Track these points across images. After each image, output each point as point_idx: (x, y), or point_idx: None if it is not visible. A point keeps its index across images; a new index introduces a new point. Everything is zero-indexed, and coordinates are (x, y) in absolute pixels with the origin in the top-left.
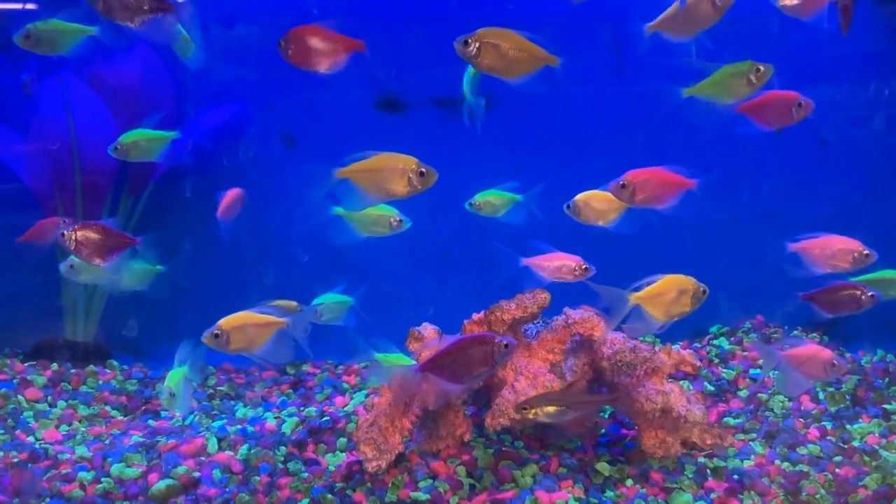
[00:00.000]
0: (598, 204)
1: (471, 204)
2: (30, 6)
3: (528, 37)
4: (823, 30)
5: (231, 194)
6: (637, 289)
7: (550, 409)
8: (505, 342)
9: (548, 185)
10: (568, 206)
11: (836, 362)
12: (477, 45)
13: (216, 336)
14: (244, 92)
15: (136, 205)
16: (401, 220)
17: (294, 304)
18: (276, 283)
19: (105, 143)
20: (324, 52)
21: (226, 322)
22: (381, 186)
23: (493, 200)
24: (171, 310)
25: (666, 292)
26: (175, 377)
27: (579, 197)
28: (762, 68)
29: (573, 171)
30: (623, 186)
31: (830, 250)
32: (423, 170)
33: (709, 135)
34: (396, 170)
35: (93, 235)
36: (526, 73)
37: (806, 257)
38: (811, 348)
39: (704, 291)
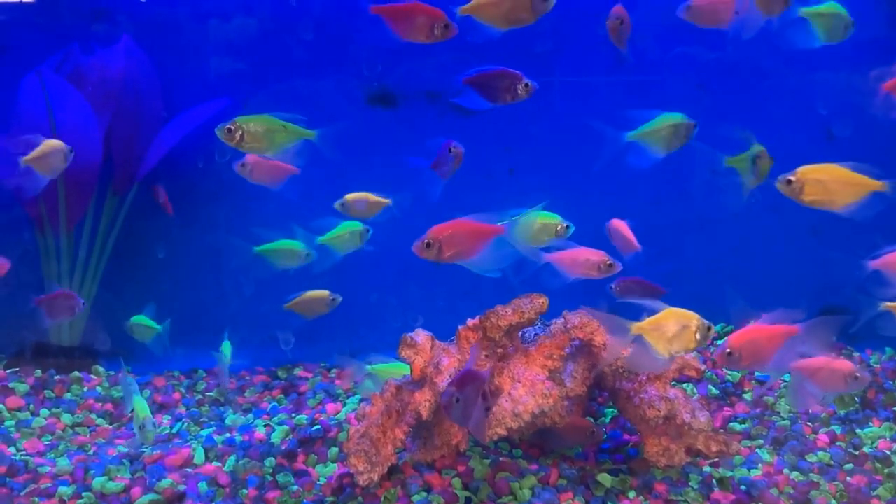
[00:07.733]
0: None
1: None
2: None
3: None
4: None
5: None
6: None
7: None
8: None
9: (545, 187)
10: None
11: (858, 374)
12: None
13: None
14: (233, 87)
15: (121, 204)
16: (567, 226)
17: (326, 293)
18: (256, 293)
19: (87, 142)
20: None
21: None
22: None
23: None
24: (157, 315)
25: (666, 324)
26: (143, 405)
27: None
28: None
29: (570, 171)
30: (428, 245)
31: None
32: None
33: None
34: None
35: None
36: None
37: (890, 273)
38: (825, 359)
39: (709, 328)
